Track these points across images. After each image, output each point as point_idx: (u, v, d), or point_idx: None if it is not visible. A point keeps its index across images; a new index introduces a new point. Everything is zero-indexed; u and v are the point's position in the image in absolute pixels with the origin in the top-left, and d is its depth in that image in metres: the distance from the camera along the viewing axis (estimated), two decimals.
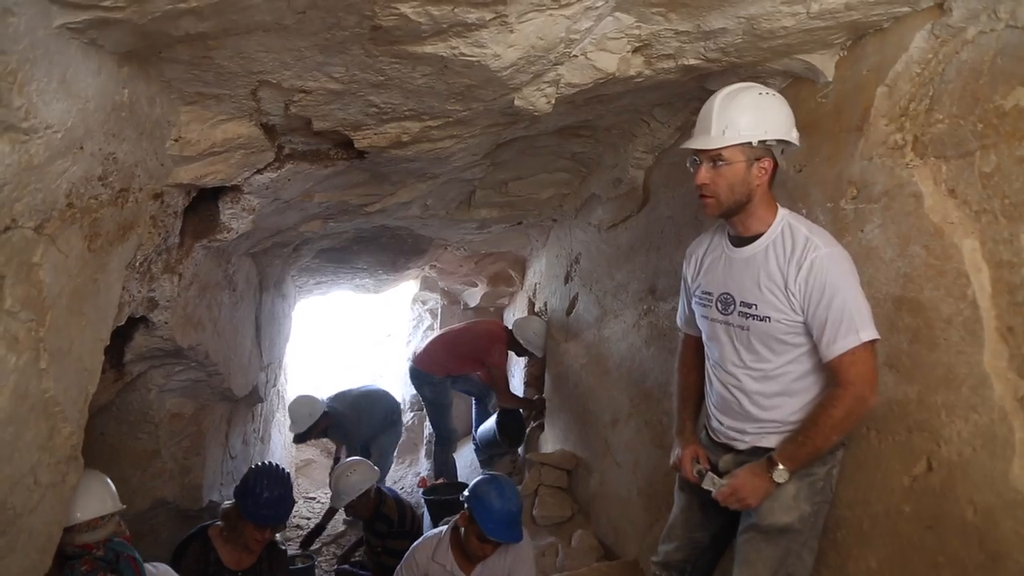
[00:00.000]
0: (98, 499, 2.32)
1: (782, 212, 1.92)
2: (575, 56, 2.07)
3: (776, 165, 1.87)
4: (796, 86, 2.32)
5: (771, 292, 1.86)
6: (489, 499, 2.83)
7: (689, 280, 2.18)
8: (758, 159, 1.84)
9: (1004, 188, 1.62)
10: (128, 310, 2.51)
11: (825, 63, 2.17)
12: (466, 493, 2.93)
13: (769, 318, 1.87)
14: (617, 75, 2.16)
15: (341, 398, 5.80)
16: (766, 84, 2.44)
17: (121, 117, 1.75)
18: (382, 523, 4.07)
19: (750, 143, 1.81)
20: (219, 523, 3.11)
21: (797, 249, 1.83)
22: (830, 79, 2.18)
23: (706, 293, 2.06)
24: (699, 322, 2.12)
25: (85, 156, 1.61)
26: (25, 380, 1.49)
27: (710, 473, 2.02)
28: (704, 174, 1.86)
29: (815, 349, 1.85)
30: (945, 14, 1.77)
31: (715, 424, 2.08)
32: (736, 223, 1.95)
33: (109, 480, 2.44)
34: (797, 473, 1.88)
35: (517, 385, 6.53)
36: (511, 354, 6.91)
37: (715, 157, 1.83)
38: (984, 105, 1.67)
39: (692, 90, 2.69)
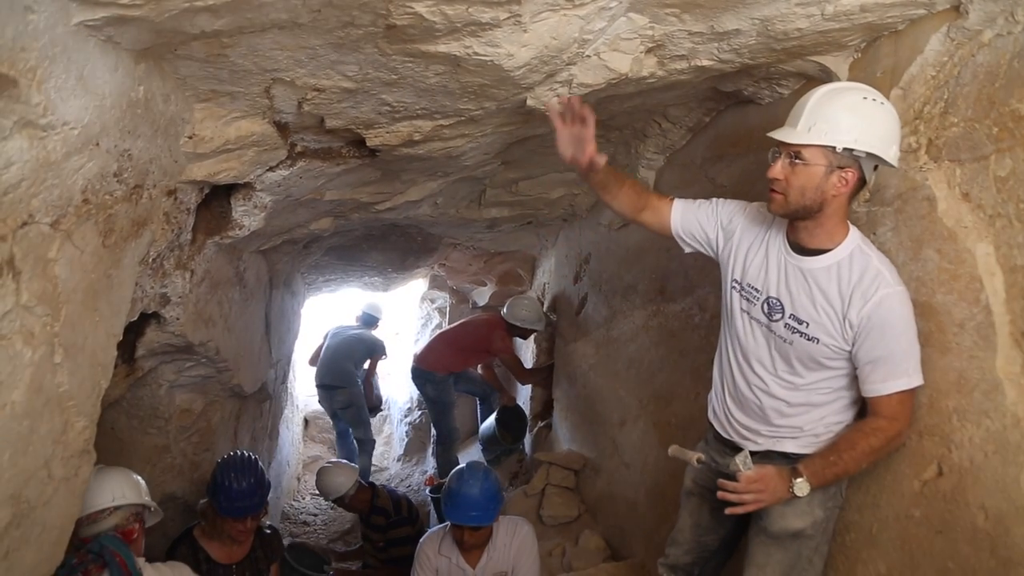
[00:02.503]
0: (94, 493, 2.25)
1: (854, 233, 1.81)
2: (588, 56, 2.07)
3: (863, 181, 1.74)
4: (809, 88, 2.30)
5: (827, 315, 1.79)
6: (453, 487, 3.03)
7: (723, 231, 2.03)
8: (841, 168, 1.69)
9: (1019, 192, 1.61)
10: (140, 306, 2.52)
11: (839, 65, 2.16)
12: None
13: (818, 340, 1.80)
14: (630, 76, 2.16)
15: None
16: (779, 85, 2.45)
17: (136, 114, 1.76)
18: (379, 516, 4.20)
19: (834, 148, 1.67)
20: (202, 523, 3.09)
21: (866, 279, 1.73)
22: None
23: (753, 288, 1.95)
24: (733, 311, 2.02)
25: (101, 152, 1.62)
26: (40, 374, 1.50)
27: (746, 451, 1.86)
28: (779, 169, 1.74)
29: (849, 371, 1.83)
30: (961, 17, 1.76)
31: (726, 418, 2.06)
32: (800, 229, 1.83)
33: (121, 476, 2.39)
34: None
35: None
36: (518, 350, 6.93)
37: (795, 153, 1.71)
38: (1000, 109, 1.66)
39: (705, 91, 2.68)
